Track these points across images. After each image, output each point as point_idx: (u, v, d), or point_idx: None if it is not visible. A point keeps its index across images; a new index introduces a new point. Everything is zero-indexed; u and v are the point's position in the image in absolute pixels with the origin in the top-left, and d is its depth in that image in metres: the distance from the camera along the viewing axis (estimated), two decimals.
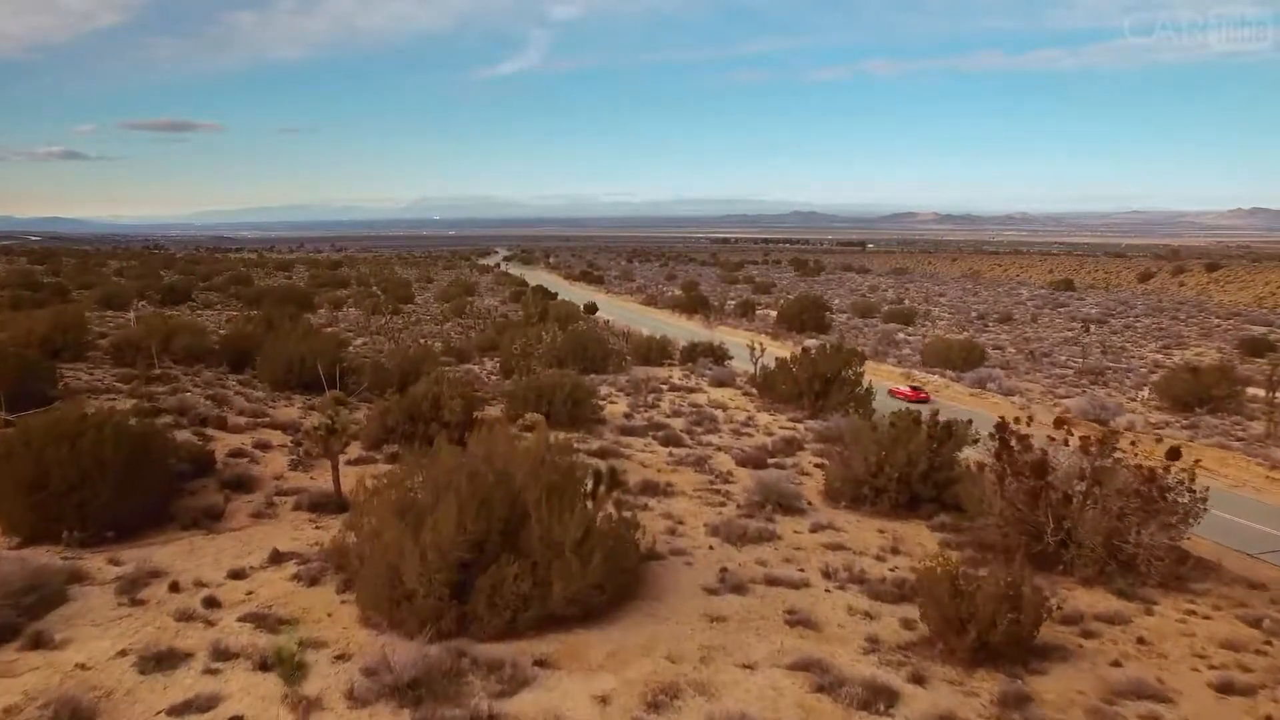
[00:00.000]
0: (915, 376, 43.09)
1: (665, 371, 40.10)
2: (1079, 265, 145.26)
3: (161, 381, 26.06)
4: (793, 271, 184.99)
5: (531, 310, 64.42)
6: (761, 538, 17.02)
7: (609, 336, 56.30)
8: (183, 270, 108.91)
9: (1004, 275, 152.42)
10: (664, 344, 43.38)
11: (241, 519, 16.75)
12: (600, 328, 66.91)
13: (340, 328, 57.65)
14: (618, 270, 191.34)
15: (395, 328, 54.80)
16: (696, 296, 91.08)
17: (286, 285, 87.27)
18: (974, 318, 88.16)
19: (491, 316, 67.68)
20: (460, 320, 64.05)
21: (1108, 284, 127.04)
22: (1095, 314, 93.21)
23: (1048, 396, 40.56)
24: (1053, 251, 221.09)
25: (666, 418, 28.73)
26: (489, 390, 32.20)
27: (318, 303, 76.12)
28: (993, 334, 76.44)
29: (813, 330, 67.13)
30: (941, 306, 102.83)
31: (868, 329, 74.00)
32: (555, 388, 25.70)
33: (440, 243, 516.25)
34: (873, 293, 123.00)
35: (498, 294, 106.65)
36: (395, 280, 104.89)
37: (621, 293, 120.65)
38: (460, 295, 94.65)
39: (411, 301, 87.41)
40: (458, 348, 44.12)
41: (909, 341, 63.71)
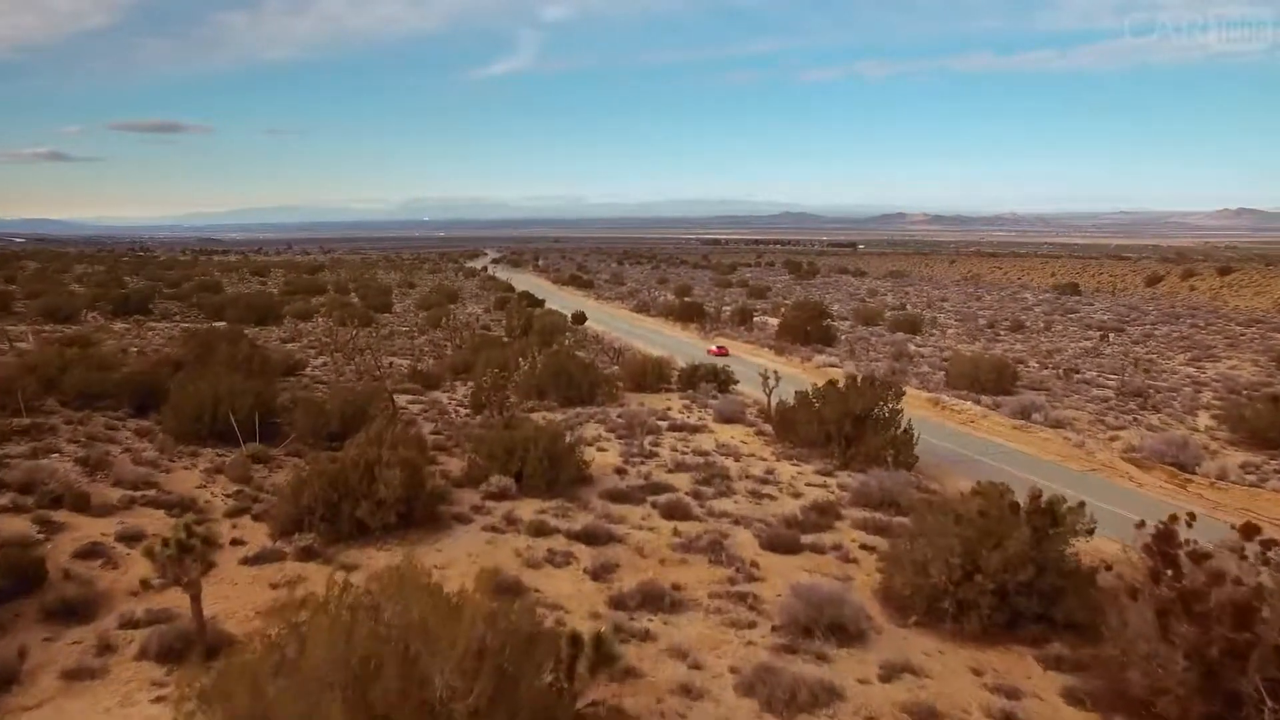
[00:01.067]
0: (945, 403, 37.74)
1: (663, 400, 34.56)
2: (1082, 268, 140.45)
3: (27, 436, 20.45)
4: (787, 274, 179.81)
5: (514, 322, 58.90)
6: (816, 700, 11.56)
7: (599, 354, 50.84)
8: (151, 276, 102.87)
9: (1004, 278, 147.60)
10: (661, 366, 37.87)
11: (47, 680, 11.16)
12: (589, 340, 61.45)
13: (302, 344, 51.99)
14: (608, 273, 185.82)
15: (360, 344, 49.13)
16: (691, 304, 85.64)
17: (253, 294, 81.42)
18: (983, 325, 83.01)
19: (472, 328, 62.12)
20: (438, 332, 58.48)
21: (1114, 288, 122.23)
22: (1109, 321, 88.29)
23: (1097, 427, 35.30)
24: (1054, 254, 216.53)
25: (668, 472, 23.20)
26: (453, 433, 26.67)
27: (285, 313, 70.46)
28: (1005, 343, 71.24)
29: (818, 342, 61.78)
30: (946, 312, 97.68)
31: (874, 339, 68.71)
32: (529, 442, 20.21)
33: (430, 244, 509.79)
34: (872, 297, 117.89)
35: (482, 300, 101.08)
36: (374, 287, 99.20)
37: (612, 298, 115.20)
38: (441, 303, 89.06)
39: (389, 310, 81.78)
40: (426, 371, 38.57)
41: (923, 355, 58.41)
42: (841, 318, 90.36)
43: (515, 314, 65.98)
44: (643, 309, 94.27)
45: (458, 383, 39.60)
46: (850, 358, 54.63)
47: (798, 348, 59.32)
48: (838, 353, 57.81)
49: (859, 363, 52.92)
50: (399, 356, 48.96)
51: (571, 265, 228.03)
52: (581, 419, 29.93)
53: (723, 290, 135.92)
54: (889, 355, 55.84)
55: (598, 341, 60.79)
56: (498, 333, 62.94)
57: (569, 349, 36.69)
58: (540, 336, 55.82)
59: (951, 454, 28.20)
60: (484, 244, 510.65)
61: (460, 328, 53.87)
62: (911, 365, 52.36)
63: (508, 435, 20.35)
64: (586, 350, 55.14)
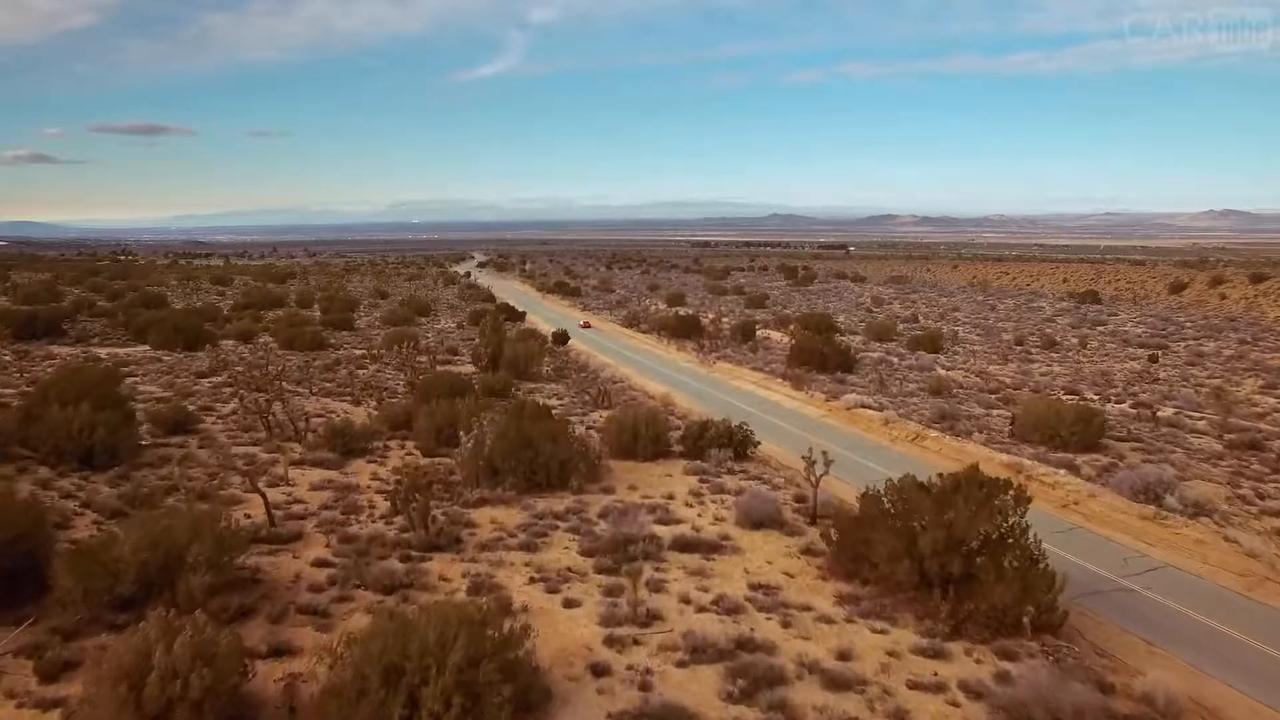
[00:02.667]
0: (1027, 469, 28.54)
1: (661, 484, 25.06)
2: (1096, 274, 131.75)
3: None
4: (783, 279, 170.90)
5: (483, 349, 49.50)
6: None
7: (581, 389, 41.45)
8: (93, 286, 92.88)
9: (1013, 284, 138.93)
10: (658, 427, 28.46)
11: None
12: (571, 368, 52.10)
13: (223, 378, 42.48)
14: (596, 279, 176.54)
15: (283, 382, 39.68)
16: (687, 319, 76.39)
17: (193, 310, 71.69)
18: (1009, 342, 74.13)
19: (432, 355, 52.65)
20: (394, 355, 49.01)
21: (1135, 296, 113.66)
22: (1145, 335, 79.58)
23: (1242, 506, 26.28)
24: (1063, 258, 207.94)
25: (680, 665, 13.84)
26: (349, 570, 17.28)
27: (226, 332, 60.82)
28: (1040, 363, 62.34)
29: (837, 369, 52.63)
30: (962, 324, 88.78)
31: (898, 362, 59.62)
32: (442, 645, 10.97)
33: (417, 247, 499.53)
34: (879, 307, 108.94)
35: (459, 312, 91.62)
36: (340, 299, 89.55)
37: (599, 308, 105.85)
38: (409, 319, 79.52)
39: (349, 327, 72.23)
40: (355, 428, 29.12)
41: (961, 386, 49.29)
42: (851, 332, 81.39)
43: (486, 335, 56.62)
44: (632, 322, 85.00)
45: (395, 442, 30.22)
46: (881, 391, 45.51)
47: (814, 376, 50.19)
48: (862, 383, 48.72)
49: (893, 398, 43.83)
50: (336, 396, 39.49)
51: (559, 270, 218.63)
52: (545, 526, 20.56)
53: (717, 298, 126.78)
54: (926, 387, 46.71)
55: (580, 370, 51.46)
56: (466, 359, 53.53)
57: (535, 406, 27.36)
58: (511, 367, 46.49)
59: (1081, 579, 18.96)
60: (472, 246, 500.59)
61: (414, 359, 44.31)
62: (952, 399, 43.26)
63: (398, 644, 11.00)
64: (568, 383, 45.76)
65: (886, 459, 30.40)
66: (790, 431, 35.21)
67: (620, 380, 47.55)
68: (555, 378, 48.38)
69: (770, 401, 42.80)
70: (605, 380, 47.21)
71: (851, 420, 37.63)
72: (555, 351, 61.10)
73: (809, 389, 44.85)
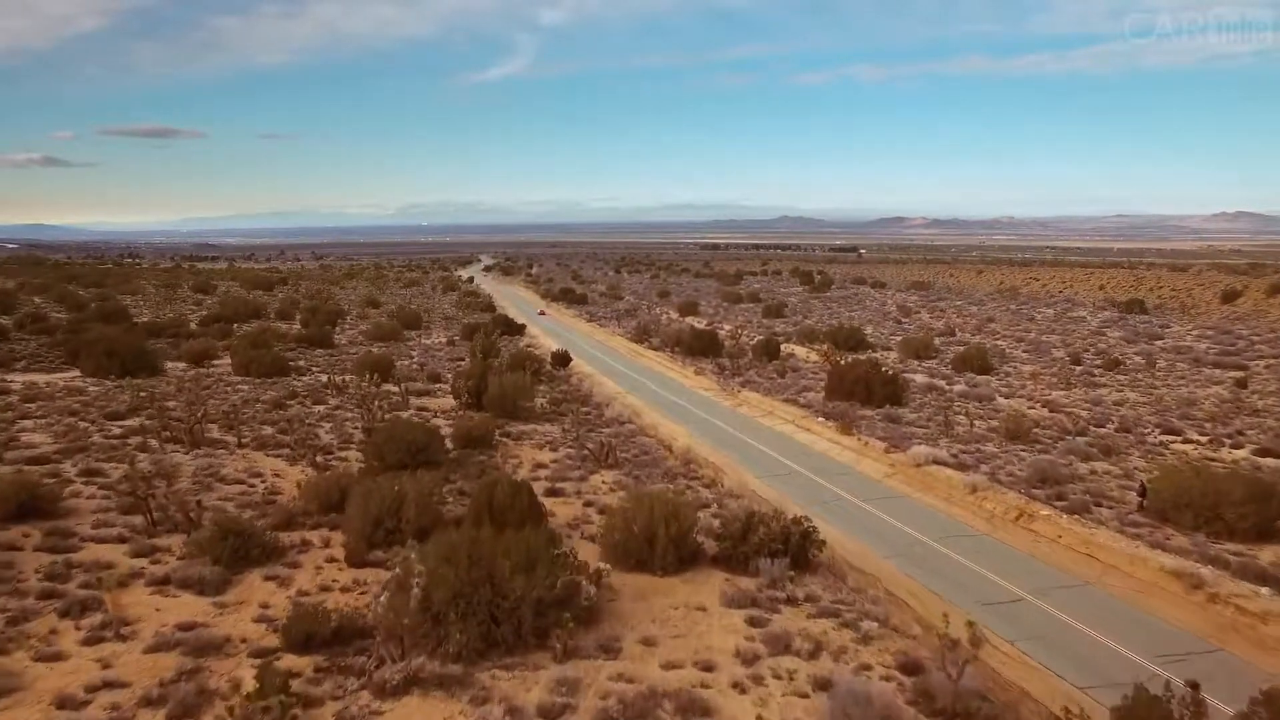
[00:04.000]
0: (1203, 581, 20.02)
1: (692, 629, 16.32)
2: (1135, 281, 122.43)
3: None
4: (798, 284, 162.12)
5: (466, 380, 41.00)
6: None
7: (580, 433, 32.84)
8: (59, 295, 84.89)
9: (1045, 291, 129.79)
10: (682, 522, 19.81)
11: None
12: (571, 399, 43.57)
13: (142, 419, 34.14)
14: (604, 284, 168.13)
15: (198, 431, 31.42)
16: (703, 335, 67.81)
17: (141, 327, 63.61)
18: (1066, 361, 65.20)
19: (404, 384, 44.24)
20: (363, 387, 40.57)
21: (1182, 305, 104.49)
22: (1214, 352, 70.58)
23: None
24: (1097, 263, 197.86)
25: None
26: None
27: (182, 352, 52.62)
28: (1109, 388, 53.53)
29: (885, 402, 43.97)
30: (1003, 338, 79.91)
31: (954, 394, 50.88)
32: None
33: (426, 250, 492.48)
34: (907, 317, 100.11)
35: (454, 324, 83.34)
36: (325, 309, 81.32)
37: (607, 317, 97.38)
38: (396, 334, 71.21)
39: (327, 345, 63.95)
40: (245, 529, 20.58)
41: (1043, 427, 40.51)
42: (884, 347, 72.72)
43: (475, 354, 48.40)
44: (642, 336, 76.45)
45: (323, 533, 21.79)
46: (946, 434, 36.87)
47: (856, 407, 41.57)
48: (919, 421, 40.07)
49: (964, 445, 35.18)
50: (273, 449, 31.01)
51: (566, 273, 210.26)
52: None
53: (732, 305, 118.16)
54: (998, 427, 37.96)
55: (583, 402, 42.91)
56: (449, 388, 45.06)
57: (508, 491, 19.08)
58: (497, 404, 38.02)
59: None
60: (481, 249, 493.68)
61: (373, 401, 35.67)
62: (1043, 450, 34.59)
63: None
64: (567, 423, 37.17)
65: (999, 559, 21.79)
66: (858, 508, 26.55)
67: (628, 419, 39.01)
68: (552, 413, 39.94)
69: (816, 452, 34.21)
70: (611, 419, 38.70)
71: (926, 484, 29.03)
72: (555, 376, 52.68)
73: (859, 432, 36.20)
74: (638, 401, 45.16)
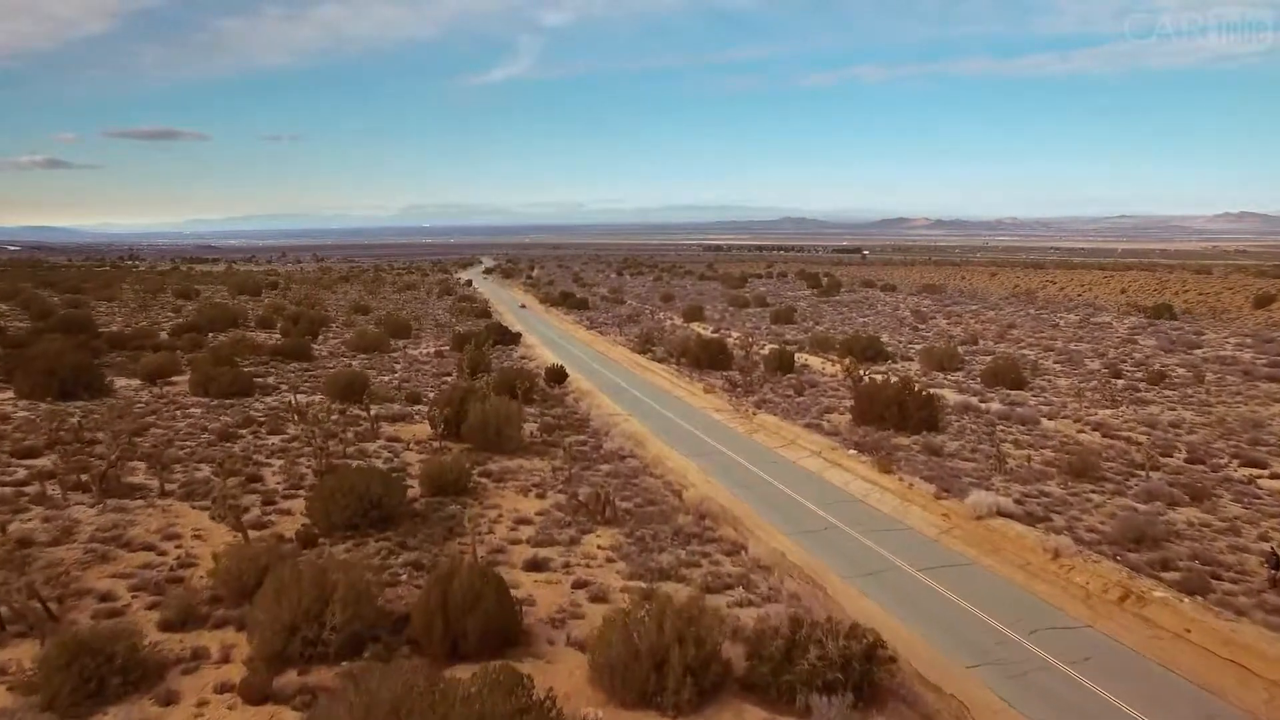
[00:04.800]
0: None
1: None
2: (1159, 284, 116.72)
3: None
4: (805, 287, 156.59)
5: (442, 408, 35.63)
6: None
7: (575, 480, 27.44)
8: (23, 303, 79.62)
9: (1063, 294, 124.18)
10: (704, 643, 14.37)
11: None
12: (568, 426, 38.16)
13: (57, 458, 28.78)
14: (606, 287, 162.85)
15: (109, 477, 26.08)
16: (711, 344, 62.39)
17: (110, 336, 58.29)
18: (1104, 374, 59.67)
19: (392, 401, 38.91)
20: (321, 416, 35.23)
21: (1212, 310, 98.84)
22: (1262, 364, 64.95)
23: None
24: (1117, 265, 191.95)
25: None
26: None
27: (142, 366, 47.28)
28: (1159, 405, 48.08)
29: (921, 427, 38.55)
30: (1028, 346, 74.39)
31: (994, 415, 45.42)
32: None
33: (428, 252, 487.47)
34: (924, 323, 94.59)
35: (447, 332, 78.05)
36: (309, 317, 75.98)
37: (608, 324, 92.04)
38: (381, 344, 65.88)
39: (304, 357, 58.63)
40: (101, 649, 15.21)
41: (1106, 459, 35.03)
42: (904, 357, 67.31)
43: (450, 393, 43.22)
44: (645, 345, 71.05)
45: (231, 634, 16.47)
46: (1000, 470, 31.45)
47: (888, 434, 36.23)
48: (962, 450, 34.67)
49: (1024, 484, 29.79)
50: (201, 499, 25.56)
51: (567, 275, 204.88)
52: None
53: (738, 310, 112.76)
54: (1056, 460, 32.51)
55: (579, 428, 37.51)
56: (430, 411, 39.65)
57: (470, 583, 13.90)
58: (478, 435, 32.65)
59: None
60: (483, 251, 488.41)
61: (324, 446, 30.09)
62: (1117, 491, 29.22)
63: None
64: (558, 457, 31.75)
65: (1122, 672, 16.20)
66: (915, 582, 21.01)
67: (630, 451, 33.56)
68: (543, 444, 34.57)
69: (852, 496, 28.78)
70: (611, 452, 33.29)
71: (991, 543, 23.59)
72: (550, 395, 47.31)
73: (900, 470, 30.76)
74: (640, 427, 39.76)
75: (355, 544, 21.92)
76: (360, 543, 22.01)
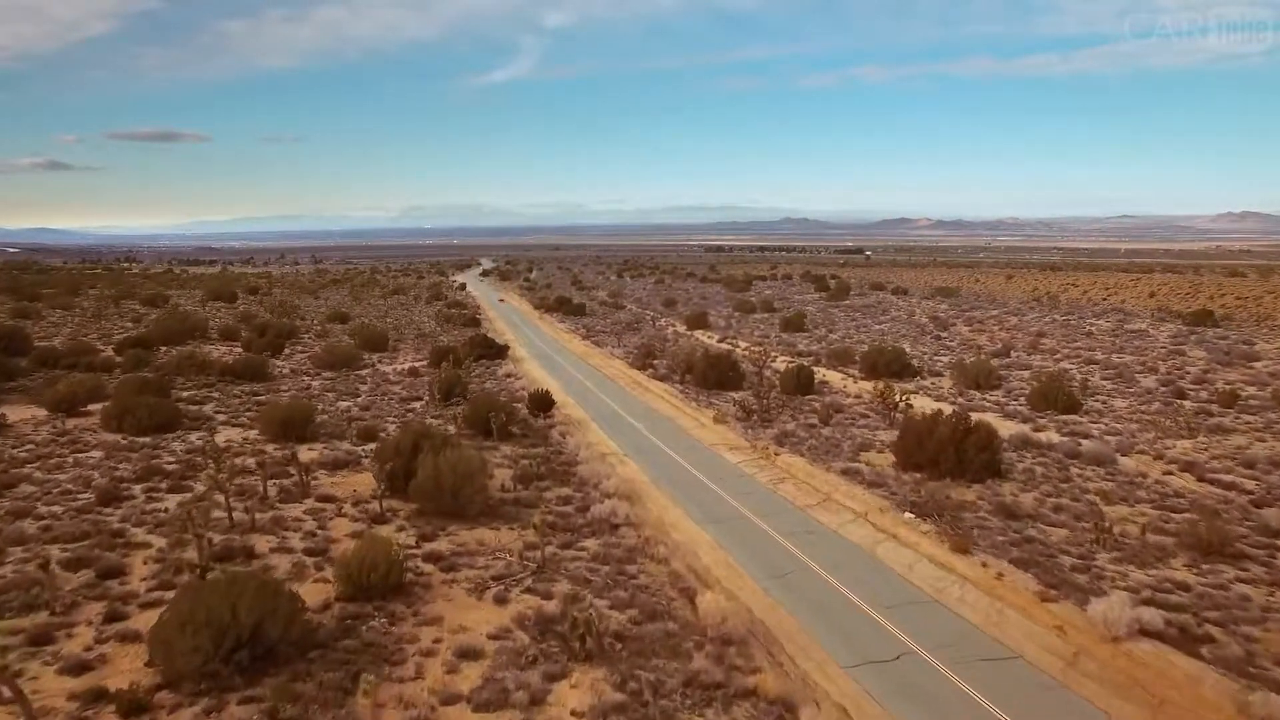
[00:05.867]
0: None
1: None
2: (1191, 288, 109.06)
3: None
4: (813, 290, 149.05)
5: (385, 462, 28.18)
6: None
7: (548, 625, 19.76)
8: None
9: (1086, 299, 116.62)
10: None
11: None
12: (549, 473, 30.64)
13: None
14: (606, 289, 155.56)
15: None
16: (720, 362, 54.81)
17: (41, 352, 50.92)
18: (1164, 393, 52.09)
19: (337, 438, 31.49)
20: (218, 476, 27.76)
21: (1255, 316, 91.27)
22: None
23: None
24: (1141, 266, 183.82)
25: None
26: None
27: (56, 391, 39.82)
28: (1240, 433, 40.64)
29: (983, 474, 31.09)
30: (1065, 357, 66.77)
31: (1062, 455, 37.90)
32: None
33: (427, 253, 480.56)
34: (944, 330, 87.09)
35: (430, 341, 70.64)
36: (275, 327, 68.54)
37: (605, 332, 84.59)
38: (351, 359, 58.45)
39: (259, 378, 51.23)
40: None
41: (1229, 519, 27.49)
42: (931, 372, 59.83)
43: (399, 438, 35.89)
44: (646, 359, 63.52)
45: None
46: (1101, 544, 23.98)
47: (952, 492, 28.81)
48: (1039, 507, 27.22)
49: (1142, 569, 22.31)
50: (10, 613, 18.17)
51: (566, 279, 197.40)
52: None
53: (745, 316, 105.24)
54: (1182, 534, 25.00)
55: (562, 477, 30.04)
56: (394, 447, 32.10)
57: None
58: (430, 497, 25.17)
59: None
60: (483, 252, 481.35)
61: (201, 533, 22.42)
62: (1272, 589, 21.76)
63: None
64: (537, 524, 24.30)
65: None
66: None
67: (625, 517, 25.94)
68: (515, 503, 27.11)
69: (921, 591, 21.18)
70: (600, 519, 25.72)
71: (1148, 691, 16.06)
72: (532, 427, 39.75)
73: (978, 546, 23.25)
74: (639, 472, 32.25)
75: (210, 707, 14.46)
76: (219, 701, 14.58)
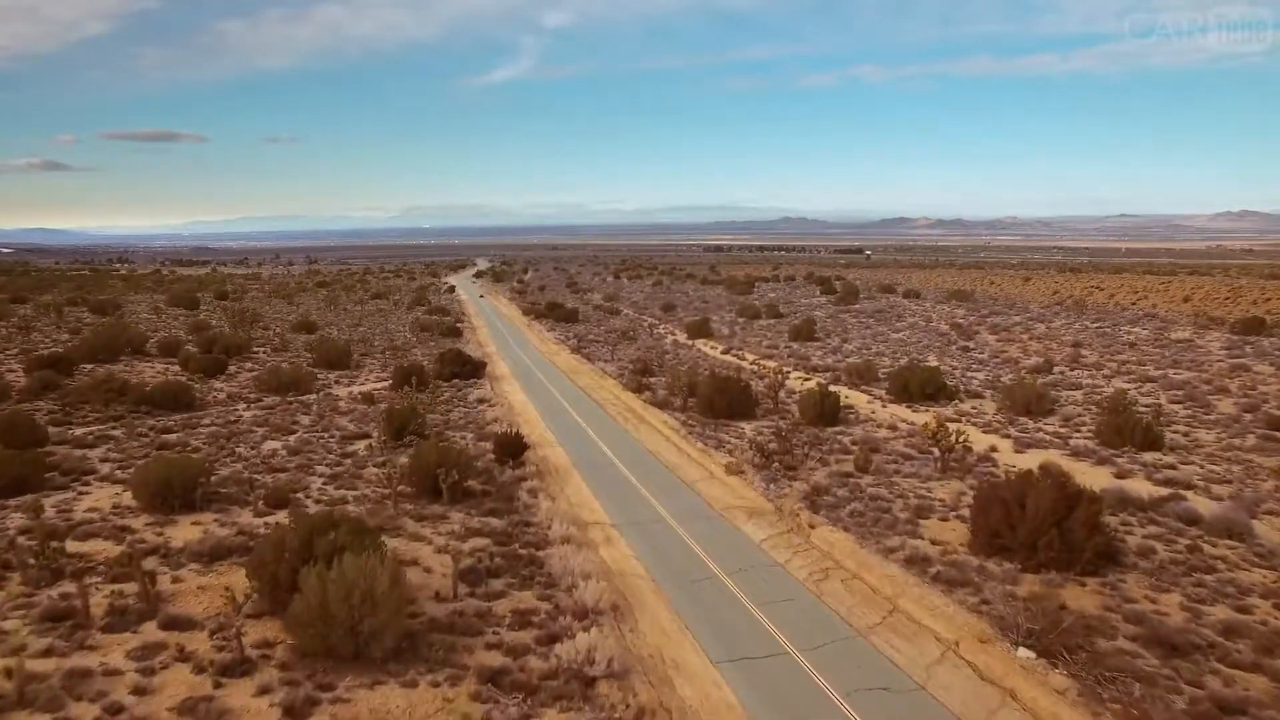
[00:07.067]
0: None
1: None
2: (1232, 292, 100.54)
3: None
4: (817, 291, 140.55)
5: (270, 565, 19.70)
6: None
7: None
8: None
9: (1114, 303, 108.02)
10: None
11: None
12: (514, 572, 22.05)
13: None
14: (602, 292, 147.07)
15: None
16: (731, 387, 46.18)
17: None
18: (1253, 422, 43.55)
19: (240, 502, 22.97)
20: None
21: None
22: None
23: None
24: (1166, 267, 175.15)
25: None
26: None
27: None
28: None
29: (1095, 561, 22.69)
30: (1114, 372, 58.24)
31: (1177, 527, 29.43)
32: None
33: (424, 253, 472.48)
34: (968, 340, 78.57)
35: (402, 354, 62.16)
36: (222, 341, 59.96)
37: (598, 342, 76.12)
38: (299, 381, 49.89)
39: (183, 407, 42.72)
40: None
41: None
42: (971, 393, 51.43)
43: (284, 532, 27.60)
44: (642, 380, 55.01)
45: None
46: None
47: (1063, 594, 20.41)
48: (1198, 629, 18.86)
49: None
50: None
51: (561, 280, 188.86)
52: None
53: (749, 321, 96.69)
54: None
55: (523, 577, 21.52)
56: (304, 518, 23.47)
57: None
58: (318, 636, 16.58)
59: None
60: (481, 252, 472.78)
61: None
62: None
63: None
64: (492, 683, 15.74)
65: None
66: None
67: (609, 665, 17.27)
68: (448, 620, 18.65)
69: None
70: (569, 668, 17.14)
71: None
72: (496, 482, 31.09)
73: (1128, 700, 14.84)
74: (631, 561, 23.68)
75: None
76: None
